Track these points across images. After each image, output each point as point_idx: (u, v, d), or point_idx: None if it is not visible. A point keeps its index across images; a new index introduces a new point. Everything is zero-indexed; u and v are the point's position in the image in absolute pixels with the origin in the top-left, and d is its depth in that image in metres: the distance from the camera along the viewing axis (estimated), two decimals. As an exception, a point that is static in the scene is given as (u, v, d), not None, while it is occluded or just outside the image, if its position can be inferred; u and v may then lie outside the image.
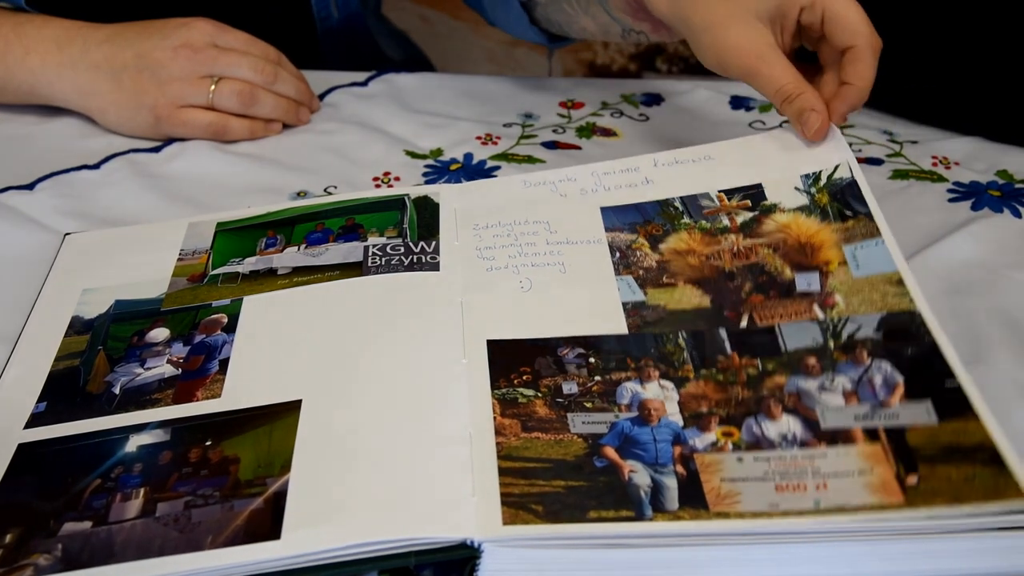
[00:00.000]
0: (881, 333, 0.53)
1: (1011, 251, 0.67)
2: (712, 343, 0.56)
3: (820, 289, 0.57)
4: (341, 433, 0.53)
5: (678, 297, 0.59)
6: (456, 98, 0.89)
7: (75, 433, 0.55)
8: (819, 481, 0.47)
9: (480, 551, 0.46)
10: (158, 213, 0.74)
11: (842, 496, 0.46)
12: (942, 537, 0.46)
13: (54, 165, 0.79)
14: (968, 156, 0.78)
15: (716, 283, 0.59)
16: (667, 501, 0.47)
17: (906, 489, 0.46)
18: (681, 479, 0.48)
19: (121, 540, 0.48)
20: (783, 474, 0.48)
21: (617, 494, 0.48)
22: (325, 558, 0.46)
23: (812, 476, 0.47)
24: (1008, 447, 0.46)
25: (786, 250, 0.60)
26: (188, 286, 0.65)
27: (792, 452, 0.49)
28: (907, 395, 0.50)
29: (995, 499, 0.44)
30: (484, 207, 0.69)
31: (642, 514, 0.47)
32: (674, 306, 0.59)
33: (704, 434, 0.51)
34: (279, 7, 0.97)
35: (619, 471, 0.49)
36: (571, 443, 0.51)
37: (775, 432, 0.50)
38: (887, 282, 0.56)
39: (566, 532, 0.46)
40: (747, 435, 0.50)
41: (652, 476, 0.49)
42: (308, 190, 0.77)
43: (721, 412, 0.52)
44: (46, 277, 0.67)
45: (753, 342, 0.55)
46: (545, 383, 0.55)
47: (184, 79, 0.80)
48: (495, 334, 0.58)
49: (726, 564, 0.46)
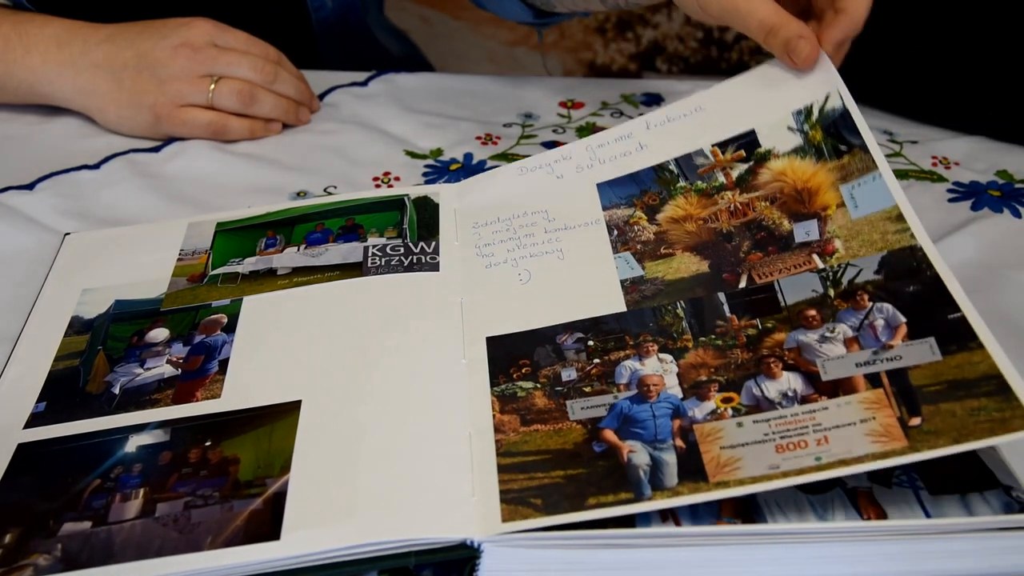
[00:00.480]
0: (882, 274, 0.52)
1: (1011, 251, 0.67)
2: (711, 309, 0.55)
3: (819, 237, 0.56)
4: (341, 434, 0.53)
5: (676, 266, 0.59)
6: (456, 98, 0.89)
7: (75, 433, 0.55)
8: (820, 436, 0.47)
9: (480, 551, 0.46)
10: (158, 213, 0.74)
11: (843, 447, 0.46)
12: (942, 537, 0.46)
13: (54, 165, 0.79)
14: (968, 156, 0.78)
15: (714, 246, 0.59)
16: (666, 478, 0.47)
17: (909, 433, 0.45)
18: (680, 453, 0.48)
19: (121, 540, 0.48)
20: (783, 434, 0.47)
21: (616, 477, 0.48)
22: (325, 558, 0.46)
23: (813, 431, 0.47)
24: (1015, 375, 0.45)
25: (783, 200, 0.59)
26: (188, 286, 0.65)
27: (792, 410, 0.48)
28: (910, 334, 0.49)
29: (1002, 432, 0.43)
30: (483, 204, 0.69)
31: (641, 494, 0.47)
32: (672, 276, 0.58)
33: (703, 403, 0.50)
34: (275, 5, 0.97)
35: (618, 453, 0.49)
36: (570, 431, 0.51)
37: (775, 391, 0.50)
38: (887, 219, 0.55)
39: (564, 521, 0.46)
40: (747, 398, 0.50)
41: (651, 454, 0.48)
42: (308, 190, 0.77)
43: (721, 378, 0.51)
44: (46, 277, 0.67)
45: (752, 302, 0.55)
46: (544, 373, 0.55)
47: (184, 78, 0.80)
48: (494, 331, 0.58)
49: (726, 564, 0.46)
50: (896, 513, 0.47)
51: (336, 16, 1.00)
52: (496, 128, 0.85)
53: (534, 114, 0.87)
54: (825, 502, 0.47)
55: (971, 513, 0.46)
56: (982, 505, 0.47)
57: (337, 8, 0.99)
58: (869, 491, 0.48)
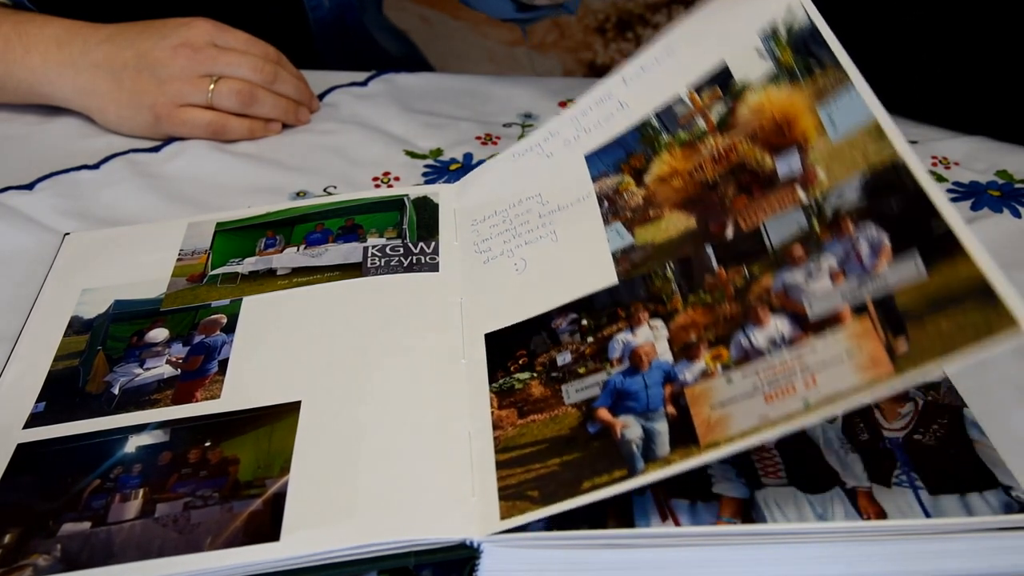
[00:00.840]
0: (865, 195, 0.49)
1: (1011, 251, 0.67)
2: (699, 265, 0.54)
3: (801, 168, 0.53)
4: (340, 435, 0.53)
5: (664, 227, 0.58)
6: (456, 98, 0.89)
7: (74, 433, 0.55)
8: (807, 377, 0.45)
9: (480, 551, 0.46)
10: (158, 213, 0.74)
11: (831, 385, 0.44)
12: (942, 537, 0.46)
13: (54, 165, 0.79)
14: (968, 156, 0.78)
15: (700, 199, 0.57)
16: (658, 448, 0.47)
17: (896, 358, 0.43)
18: (672, 420, 0.48)
19: (120, 541, 0.48)
20: (772, 382, 0.46)
21: (611, 456, 0.47)
22: (324, 559, 0.46)
23: (801, 374, 0.45)
24: (1000, 278, 0.42)
25: (764, 136, 0.57)
26: (188, 286, 0.65)
27: (781, 355, 0.47)
28: (894, 252, 0.46)
29: (987, 337, 0.40)
30: (480, 200, 0.68)
31: (634, 469, 0.46)
32: (661, 238, 0.57)
33: (694, 364, 0.49)
34: (272, 5, 0.97)
35: (612, 431, 0.49)
36: (565, 416, 0.51)
37: (764, 339, 0.48)
38: (866, 136, 0.52)
39: (560, 510, 0.46)
40: (736, 351, 0.49)
41: (644, 425, 0.48)
42: (308, 190, 0.77)
43: (710, 335, 0.50)
44: (46, 277, 0.67)
45: (739, 250, 0.53)
46: (540, 361, 0.54)
47: (183, 78, 0.80)
48: (492, 326, 0.58)
49: (726, 564, 0.46)
50: (896, 513, 0.47)
51: (333, 16, 1.00)
52: (496, 128, 0.85)
53: (534, 114, 0.87)
54: (825, 502, 0.47)
55: (971, 513, 0.46)
56: (982, 505, 0.47)
57: (334, 8, 0.99)
58: (869, 491, 0.48)
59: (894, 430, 0.51)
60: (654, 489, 0.48)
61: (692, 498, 0.48)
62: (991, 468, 0.48)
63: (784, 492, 0.48)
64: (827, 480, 0.48)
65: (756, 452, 0.50)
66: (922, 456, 0.49)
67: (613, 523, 0.47)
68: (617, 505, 0.47)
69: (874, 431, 0.51)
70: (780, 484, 0.48)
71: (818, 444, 0.50)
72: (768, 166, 0.55)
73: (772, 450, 0.50)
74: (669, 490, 0.48)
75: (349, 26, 1.02)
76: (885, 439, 0.51)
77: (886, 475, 0.48)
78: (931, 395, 0.53)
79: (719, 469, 0.49)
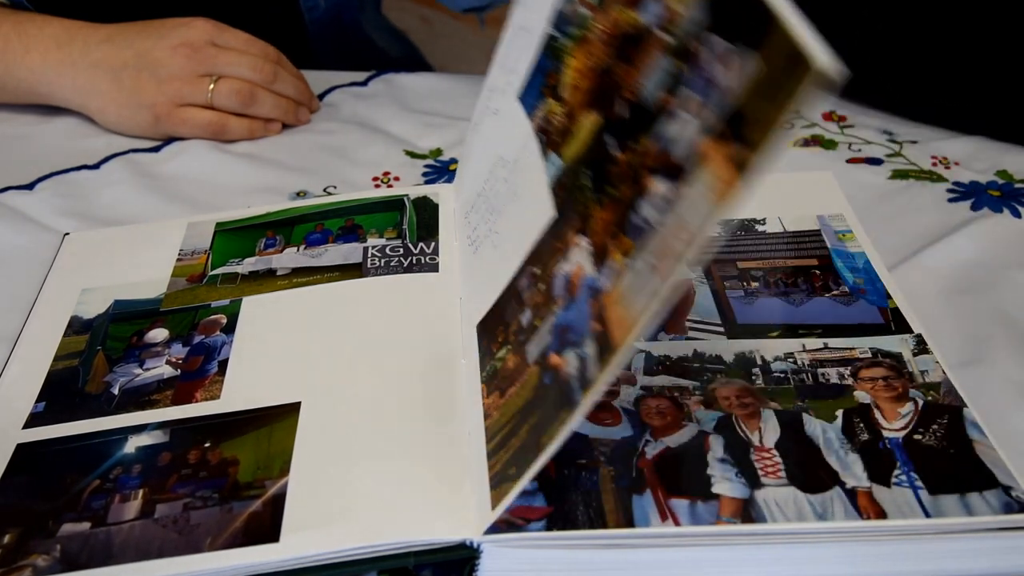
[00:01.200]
0: (707, 10, 0.43)
1: (1011, 251, 0.67)
2: (603, 159, 0.50)
3: (661, 9, 0.48)
4: (340, 435, 0.53)
5: (579, 136, 0.53)
6: (456, 98, 0.89)
7: (74, 434, 0.55)
8: (680, 228, 0.41)
9: (479, 551, 0.46)
10: (158, 213, 0.74)
11: (696, 225, 0.39)
12: (942, 537, 0.46)
13: (54, 165, 0.79)
14: (968, 156, 0.78)
15: (600, 90, 0.53)
16: (589, 371, 0.44)
17: (739, 165, 0.38)
18: (598, 335, 0.44)
19: (120, 541, 0.48)
20: (658, 253, 0.42)
21: (560, 401, 0.45)
22: (324, 559, 0.46)
23: (676, 231, 0.41)
24: (795, 24, 0.37)
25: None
26: (187, 286, 0.65)
27: (663, 220, 0.42)
28: (732, 56, 0.40)
29: (797, 92, 0.35)
30: (469, 190, 0.67)
31: (572, 402, 0.44)
32: (577, 148, 0.53)
33: (608, 266, 0.46)
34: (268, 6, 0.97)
35: (558, 373, 0.46)
36: (529, 378, 0.49)
37: (651, 211, 0.43)
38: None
39: (528, 478, 0.44)
40: (633, 234, 0.44)
41: (578, 354, 0.45)
42: (308, 190, 0.77)
43: (613, 229, 0.46)
44: (45, 277, 0.67)
45: (631, 126, 0.48)
46: (512, 331, 0.52)
47: (183, 78, 0.80)
48: (480, 314, 0.57)
49: (726, 564, 0.46)
50: (896, 513, 0.46)
51: (330, 17, 1.00)
52: (496, 128, 0.84)
53: (534, 114, 0.87)
54: (825, 502, 0.47)
55: (971, 513, 0.46)
56: (982, 505, 0.46)
57: (331, 9, 0.99)
58: (869, 491, 0.48)
59: (894, 430, 0.51)
60: (654, 489, 0.48)
61: (692, 498, 0.48)
62: (991, 468, 0.48)
63: (784, 492, 0.48)
64: (827, 480, 0.48)
65: (756, 452, 0.50)
66: (922, 456, 0.49)
67: (613, 523, 0.47)
68: (617, 505, 0.47)
69: (874, 431, 0.51)
70: (780, 484, 0.48)
71: (818, 444, 0.50)
72: (640, 23, 0.50)
73: (772, 450, 0.50)
74: (669, 490, 0.48)
75: (346, 27, 1.02)
76: (885, 439, 0.51)
77: (886, 475, 0.48)
78: (931, 395, 0.53)
79: (719, 469, 0.49)
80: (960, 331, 0.60)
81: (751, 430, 0.51)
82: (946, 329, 0.59)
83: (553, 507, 0.47)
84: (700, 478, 0.49)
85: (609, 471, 0.49)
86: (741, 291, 0.61)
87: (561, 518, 0.47)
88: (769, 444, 0.50)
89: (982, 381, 0.56)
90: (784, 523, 0.46)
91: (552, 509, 0.47)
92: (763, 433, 0.51)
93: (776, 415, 0.52)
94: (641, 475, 0.49)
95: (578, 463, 0.50)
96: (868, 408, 0.52)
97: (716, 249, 0.64)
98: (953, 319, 0.61)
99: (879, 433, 0.51)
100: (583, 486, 0.49)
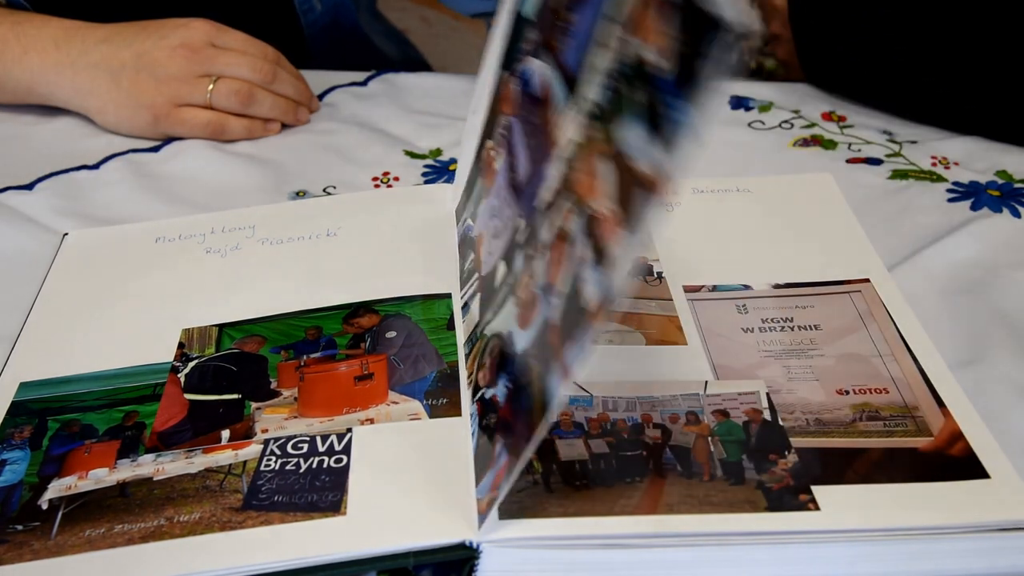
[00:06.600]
0: None
1: (1011, 251, 0.67)
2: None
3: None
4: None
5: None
6: (456, 98, 0.89)
7: (74, 433, 0.55)
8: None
9: (479, 551, 0.46)
10: (157, 213, 0.74)
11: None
12: (942, 537, 0.46)
13: (53, 165, 0.79)
14: (968, 156, 0.78)
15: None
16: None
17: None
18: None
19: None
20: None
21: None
22: (324, 559, 0.46)
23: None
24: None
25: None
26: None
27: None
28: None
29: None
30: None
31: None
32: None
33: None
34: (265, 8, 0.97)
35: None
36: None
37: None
38: None
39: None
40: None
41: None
42: (307, 190, 0.77)
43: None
44: (45, 277, 0.67)
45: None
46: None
47: (182, 78, 0.80)
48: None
49: (726, 564, 0.46)
50: (896, 513, 0.47)
51: (327, 19, 1.00)
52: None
53: (533, 114, 0.87)
54: (825, 502, 0.47)
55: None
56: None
57: (327, 11, 0.99)
58: (869, 491, 0.48)
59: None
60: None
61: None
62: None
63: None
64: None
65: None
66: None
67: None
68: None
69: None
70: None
71: (818, 444, 0.51)
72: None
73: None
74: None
75: (344, 29, 1.02)
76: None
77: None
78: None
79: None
80: (959, 331, 0.60)
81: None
82: (945, 329, 0.59)
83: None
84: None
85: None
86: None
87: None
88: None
89: (982, 381, 0.56)
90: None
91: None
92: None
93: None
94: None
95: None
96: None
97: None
98: (952, 319, 0.61)
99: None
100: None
